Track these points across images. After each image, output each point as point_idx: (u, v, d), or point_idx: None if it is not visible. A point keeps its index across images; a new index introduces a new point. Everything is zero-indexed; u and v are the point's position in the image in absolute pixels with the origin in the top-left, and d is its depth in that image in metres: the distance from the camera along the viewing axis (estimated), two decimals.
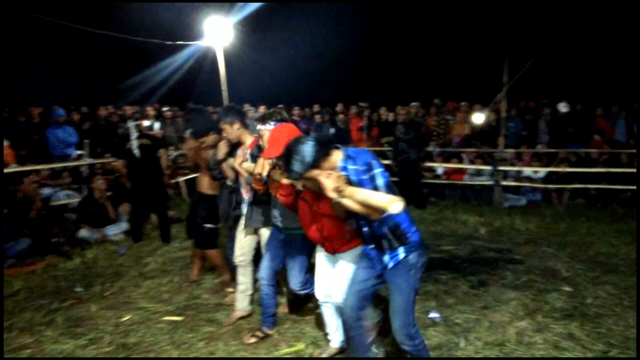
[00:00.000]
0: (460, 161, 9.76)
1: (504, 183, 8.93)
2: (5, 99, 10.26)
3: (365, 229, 2.79)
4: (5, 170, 7.38)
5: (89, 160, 8.39)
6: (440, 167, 9.80)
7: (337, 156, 2.67)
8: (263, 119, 3.44)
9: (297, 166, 2.60)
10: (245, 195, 3.94)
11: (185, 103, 12.65)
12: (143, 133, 6.54)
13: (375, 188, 2.53)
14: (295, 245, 3.53)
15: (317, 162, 2.60)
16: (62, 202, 7.62)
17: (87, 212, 6.90)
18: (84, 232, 6.70)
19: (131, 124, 6.50)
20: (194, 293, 4.83)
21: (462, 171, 9.66)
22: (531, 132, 10.47)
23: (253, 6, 11.41)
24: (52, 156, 8.87)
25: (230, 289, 4.70)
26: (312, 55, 14.86)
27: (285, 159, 2.65)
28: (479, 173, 9.39)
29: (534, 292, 4.60)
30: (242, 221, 3.97)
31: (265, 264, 3.74)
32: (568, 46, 12.47)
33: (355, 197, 2.47)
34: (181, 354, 3.61)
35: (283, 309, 4.31)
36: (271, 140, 3.10)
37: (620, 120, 10.12)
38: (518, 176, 9.35)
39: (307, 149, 2.59)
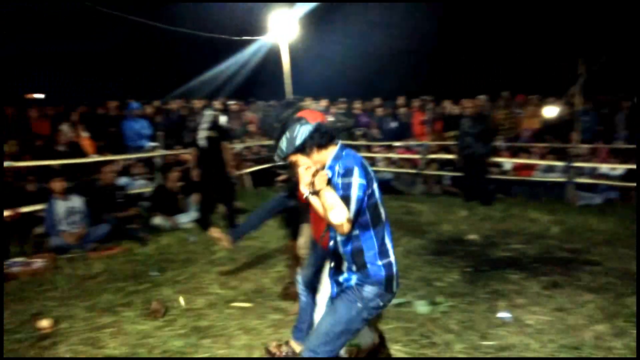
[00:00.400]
0: (530, 156, 9.38)
1: (578, 180, 8.49)
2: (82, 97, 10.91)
3: (331, 242, 2.53)
4: (86, 160, 7.91)
5: (162, 152, 8.80)
6: (508, 163, 9.46)
7: (331, 152, 2.44)
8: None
9: (284, 144, 2.42)
10: None
11: (249, 97, 12.97)
12: (214, 124, 6.75)
13: (346, 197, 2.29)
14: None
15: (305, 148, 2.39)
16: (138, 190, 8.05)
17: (160, 201, 7.25)
18: (157, 220, 7.05)
19: (208, 112, 6.68)
20: (260, 282, 4.96)
21: (531, 167, 9.28)
22: (607, 126, 9.88)
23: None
24: (127, 147, 9.37)
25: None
26: (374, 48, 14.74)
27: (277, 135, 2.46)
28: (550, 169, 8.98)
29: (613, 296, 4.36)
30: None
31: (306, 264, 3.49)
32: None
33: (321, 198, 2.30)
34: (251, 339, 3.72)
35: None
36: None
37: None
38: (593, 173, 8.85)
39: (300, 130, 2.39)
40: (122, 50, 14.45)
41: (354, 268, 2.44)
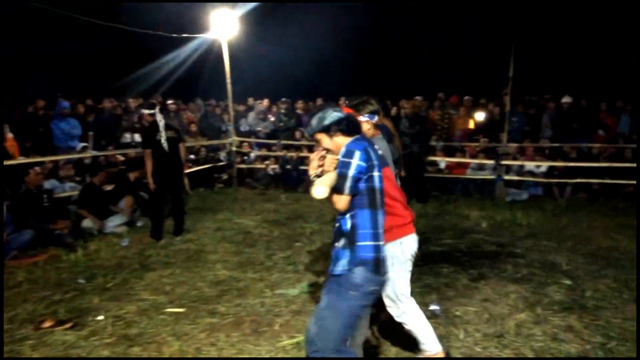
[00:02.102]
0: (463, 155, 9.76)
1: (507, 177, 8.94)
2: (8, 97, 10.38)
3: (337, 223, 2.68)
4: (10, 162, 7.43)
5: (93, 153, 8.43)
6: (442, 162, 9.80)
7: (347, 141, 2.63)
8: (356, 108, 3.21)
9: (314, 121, 2.67)
10: None
11: (189, 96, 12.66)
12: (169, 125, 6.56)
13: (343, 175, 2.49)
14: None
15: (330, 129, 2.62)
16: (66, 194, 7.67)
17: (89, 201, 6.92)
18: (86, 223, 6.74)
19: (149, 112, 6.40)
20: (195, 285, 4.85)
21: (464, 165, 9.66)
22: (534, 126, 10.44)
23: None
24: (56, 148, 8.92)
25: None
26: (316, 49, 14.81)
27: (312, 113, 2.74)
28: (481, 167, 9.39)
29: (534, 285, 4.62)
30: None
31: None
32: (573, 39, 12.40)
33: (324, 181, 2.47)
34: (182, 345, 3.63)
35: None
36: None
37: (624, 116, 10.05)
38: (520, 170, 9.34)
39: (332, 114, 2.63)
40: (49, 53, 13.70)
41: (347, 244, 2.57)
